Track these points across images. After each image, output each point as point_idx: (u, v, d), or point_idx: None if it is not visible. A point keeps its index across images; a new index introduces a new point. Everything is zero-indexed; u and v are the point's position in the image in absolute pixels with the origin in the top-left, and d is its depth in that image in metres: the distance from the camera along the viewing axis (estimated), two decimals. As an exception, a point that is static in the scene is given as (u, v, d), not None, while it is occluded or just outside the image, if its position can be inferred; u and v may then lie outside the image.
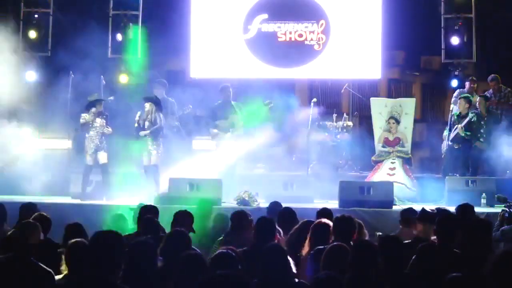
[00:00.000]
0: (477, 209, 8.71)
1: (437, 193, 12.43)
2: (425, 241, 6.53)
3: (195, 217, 7.67)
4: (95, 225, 7.48)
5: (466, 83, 14.22)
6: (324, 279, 5.04)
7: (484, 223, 6.72)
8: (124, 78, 14.95)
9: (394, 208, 11.09)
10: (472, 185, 12.18)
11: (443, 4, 14.58)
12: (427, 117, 16.39)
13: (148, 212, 7.93)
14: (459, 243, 6.11)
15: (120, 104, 13.88)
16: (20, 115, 13.60)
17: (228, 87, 13.32)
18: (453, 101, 13.92)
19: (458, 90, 14.20)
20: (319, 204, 10.94)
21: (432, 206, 8.99)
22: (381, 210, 10.89)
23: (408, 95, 16.09)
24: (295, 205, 8.98)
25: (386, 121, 13.58)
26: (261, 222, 6.88)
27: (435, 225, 6.50)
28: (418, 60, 16.87)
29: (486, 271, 4.65)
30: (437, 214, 7.16)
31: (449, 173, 12.91)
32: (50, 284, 5.44)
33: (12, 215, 8.16)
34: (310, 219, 7.30)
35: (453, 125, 13.23)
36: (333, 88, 16.18)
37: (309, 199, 11.95)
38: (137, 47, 14.90)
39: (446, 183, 12.34)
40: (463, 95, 13.45)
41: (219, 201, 11.36)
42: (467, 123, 13.02)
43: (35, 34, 14.87)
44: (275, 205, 8.94)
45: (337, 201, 11.45)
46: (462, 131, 12.98)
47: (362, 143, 14.13)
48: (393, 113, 13.56)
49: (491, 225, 6.88)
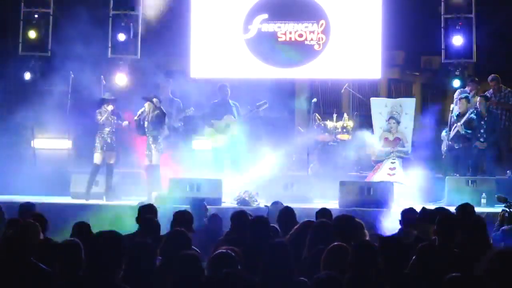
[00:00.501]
0: (477, 209, 8.69)
1: (437, 193, 12.42)
2: (425, 241, 6.53)
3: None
4: (94, 225, 7.46)
5: (469, 83, 14.18)
6: (324, 279, 5.04)
7: (482, 222, 6.73)
8: (122, 78, 14.93)
9: (394, 208, 11.08)
10: (472, 185, 12.17)
11: (443, 4, 14.57)
12: (427, 117, 16.37)
13: (148, 212, 7.92)
14: (459, 243, 6.11)
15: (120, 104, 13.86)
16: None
17: (225, 86, 13.40)
18: (455, 102, 13.90)
19: (459, 90, 14.18)
20: (319, 204, 10.93)
21: (432, 206, 8.99)
22: (381, 210, 10.90)
23: (408, 95, 16.08)
24: (295, 205, 8.97)
25: (386, 121, 13.59)
26: (255, 221, 6.91)
27: (435, 225, 6.50)
28: (418, 60, 16.86)
29: (482, 271, 4.64)
30: (437, 214, 7.16)
31: (449, 173, 12.90)
32: (49, 284, 5.43)
33: (11, 215, 8.15)
34: (310, 219, 7.29)
35: (453, 125, 13.23)
36: (333, 88, 16.16)
37: (309, 199, 11.95)
38: (137, 47, 14.91)
39: (446, 183, 12.33)
40: (464, 95, 13.45)
41: (219, 201, 11.36)
42: (466, 121, 13.02)
43: (35, 34, 14.86)
44: (276, 206, 8.95)
45: (337, 201, 11.45)
46: (461, 128, 12.98)
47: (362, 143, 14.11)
48: (393, 113, 13.57)
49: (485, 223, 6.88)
